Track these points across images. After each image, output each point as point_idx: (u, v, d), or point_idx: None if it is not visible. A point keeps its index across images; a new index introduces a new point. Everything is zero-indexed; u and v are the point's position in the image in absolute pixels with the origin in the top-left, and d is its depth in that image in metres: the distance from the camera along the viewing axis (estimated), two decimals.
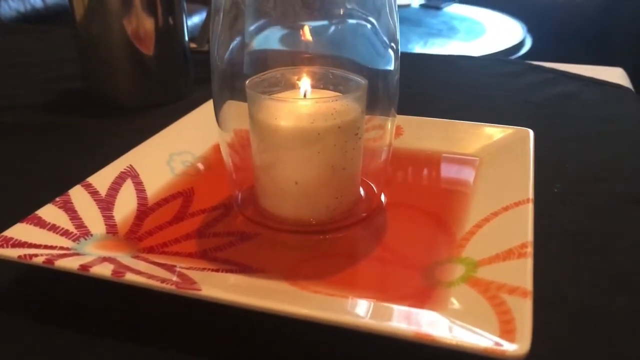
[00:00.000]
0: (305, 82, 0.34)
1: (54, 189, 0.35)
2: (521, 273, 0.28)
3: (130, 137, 0.42)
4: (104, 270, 0.28)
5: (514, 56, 1.53)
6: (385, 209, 0.36)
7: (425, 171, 0.42)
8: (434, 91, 0.63)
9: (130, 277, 0.27)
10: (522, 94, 0.60)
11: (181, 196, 0.38)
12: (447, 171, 0.42)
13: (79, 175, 0.36)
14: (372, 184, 0.37)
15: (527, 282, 0.27)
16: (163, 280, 0.27)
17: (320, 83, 0.36)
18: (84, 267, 0.28)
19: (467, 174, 0.40)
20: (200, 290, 0.26)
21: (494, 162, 0.41)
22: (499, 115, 0.53)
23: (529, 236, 0.30)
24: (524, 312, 0.25)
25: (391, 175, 0.39)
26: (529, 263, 0.28)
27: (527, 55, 1.54)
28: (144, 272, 0.28)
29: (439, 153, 0.43)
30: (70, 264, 0.28)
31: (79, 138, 0.51)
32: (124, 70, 0.57)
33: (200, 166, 0.42)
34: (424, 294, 0.29)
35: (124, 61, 0.56)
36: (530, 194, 0.34)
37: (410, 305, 0.27)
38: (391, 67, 0.36)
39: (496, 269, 0.29)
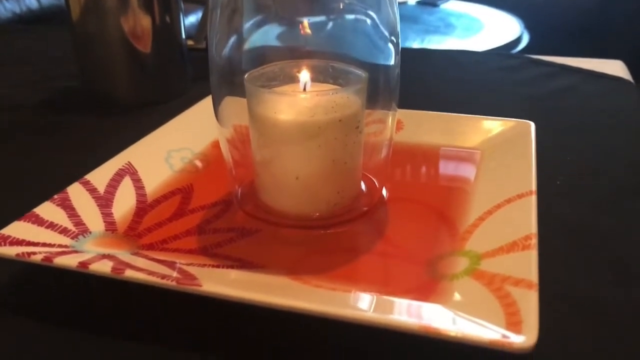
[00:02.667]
0: (304, 75, 0.34)
1: (52, 187, 0.35)
2: (526, 265, 0.27)
3: (127, 134, 0.42)
4: (104, 267, 0.27)
5: (512, 52, 1.53)
6: (386, 203, 0.36)
7: (427, 165, 0.42)
8: (434, 86, 0.62)
9: (130, 273, 0.27)
10: (522, 87, 0.60)
11: (180, 193, 0.37)
12: (449, 165, 0.42)
13: (77, 173, 0.36)
14: (373, 179, 0.37)
15: (532, 273, 0.26)
16: (163, 277, 0.26)
17: (320, 76, 0.35)
18: (83, 264, 0.27)
19: (469, 168, 0.40)
20: (201, 286, 0.26)
21: (495, 155, 0.40)
22: (499, 109, 0.52)
23: (533, 228, 0.30)
24: (529, 303, 0.25)
25: (392, 170, 0.38)
26: (533, 255, 0.28)
27: (525, 51, 1.54)
28: (143, 268, 0.28)
29: (440, 147, 0.43)
30: (69, 261, 0.28)
31: (76, 136, 0.50)
32: (121, 67, 0.56)
33: (199, 163, 0.41)
34: (427, 288, 0.28)
35: (121, 59, 0.56)
36: (533, 186, 0.34)
37: (414, 299, 0.27)
38: (391, 61, 0.35)
39: (500, 261, 0.29)
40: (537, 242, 0.29)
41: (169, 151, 0.41)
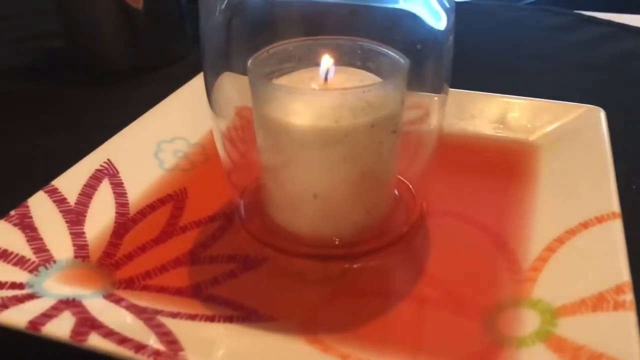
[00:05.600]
0: (326, 61, 0.26)
1: (15, 187, 0.28)
2: (623, 336, 0.20)
3: (118, 107, 0.35)
4: (61, 331, 0.21)
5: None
6: (426, 220, 0.29)
7: (476, 164, 0.34)
8: (467, 52, 0.53)
9: (94, 341, 0.20)
10: (574, 53, 0.51)
11: (171, 200, 0.30)
12: (503, 166, 0.34)
13: (52, 164, 0.29)
14: (409, 185, 0.30)
15: (634, 353, 0.20)
16: (138, 348, 0.20)
17: (344, 57, 0.27)
18: (34, 324, 0.21)
19: (529, 170, 0.32)
20: None
21: (560, 153, 0.33)
22: (549, 83, 0.44)
23: (625, 275, 0.23)
24: None
25: (433, 175, 0.31)
26: (631, 319, 0.21)
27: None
28: (114, 331, 0.21)
29: (491, 139, 0.35)
30: (16, 318, 0.21)
31: (56, 110, 0.43)
32: (110, 26, 0.48)
33: (196, 158, 0.34)
34: (487, 356, 0.21)
35: (110, 16, 0.48)
36: (616, 206, 0.27)
37: None
38: (441, 23, 0.27)
39: (583, 323, 0.22)
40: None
41: (159, 143, 0.34)
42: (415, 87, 0.28)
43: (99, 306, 0.23)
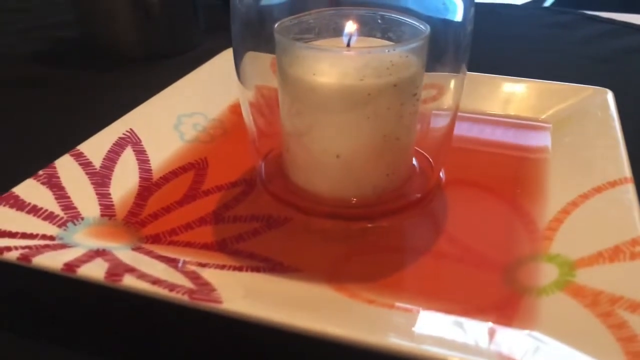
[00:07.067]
0: (349, 26, 0.27)
1: (39, 157, 0.29)
2: None
3: (131, 94, 0.35)
4: (96, 272, 0.21)
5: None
6: (444, 188, 0.30)
7: (488, 140, 0.35)
8: (480, 44, 0.54)
9: (129, 281, 0.21)
10: (580, 48, 0.53)
11: (193, 168, 0.31)
12: (515, 141, 0.34)
13: (70, 140, 0.30)
14: (428, 157, 0.30)
15: None
16: (172, 287, 0.20)
17: (365, 28, 0.28)
18: (69, 266, 0.21)
19: (541, 145, 0.33)
20: (221, 302, 0.20)
21: (570, 130, 0.34)
22: (556, 74, 0.45)
23: None
24: None
25: (451, 147, 0.31)
26: None
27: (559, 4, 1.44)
28: (147, 274, 0.21)
29: (502, 117, 0.36)
30: (52, 261, 0.22)
31: (72, 94, 0.44)
32: (125, 16, 0.49)
33: (215, 131, 0.35)
34: (509, 305, 0.22)
35: (125, 6, 0.49)
36: (628, 171, 0.28)
37: (495, 322, 0.21)
38: (459, 15, 0.28)
39: (602, 272, 0.22)
40: None
41: (179, 116, 0.35)
42: (433, 68, 0.28)
43: (128, 256, 0.24)
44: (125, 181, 0.29)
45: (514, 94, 0.37)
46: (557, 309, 0.21)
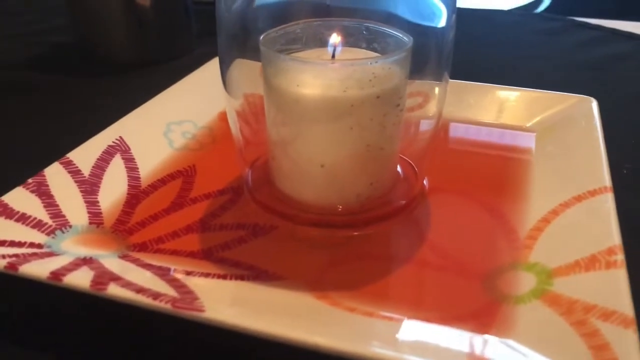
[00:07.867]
0: (334, 38, 0.28)
1: (29, 165, 0.29)
2: (615, 290, 0.22)
3: (123, 99, 0.36)
4: (82, 280, 0.22)
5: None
6: (427, 195, 0.30)
7: (471, 149, 0.35)
8: (468, 51, 0.55)
9: (114, 289, 0.21)
10: (568, 54, 0.53)
11: (181, 176, 0.32)
12: (500, 149, 0.35)
13: (62, 147, 0.30)
14: (412, 164, 0.31)
15: (625, 304, 0.21)
16: (156, 296, 0.21)
17: (350, 39, 0.29)
18: (56, 274, 0.22)
19: (523, 153, 0.34)
20: (203, 310, 0.20)
21: (554, 138, 0.34)
22: (545, 81, 0.46)
23: (616, 238, 0.24)
24: (628, 348, 0.19)
25: (435, 155, 0.32)
26: (622, 276, 0.22)
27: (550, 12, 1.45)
28: (132, 282, 0.22)
29: (488, 126, 0.37)
30: (38, 270, 0.22)
31: (64, 100, 0.44)
32: (118, 22, 0.50)
33: (204, 139, 0.35)
34: (487, 314, 0.23)
35: (118, 12, 0.49)
36: (607, 180, 0.28)
37: (474, 330, 0.21)
38: (442, 22, 0.28)
39: (578, 281, 0.23)
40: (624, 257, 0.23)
41: (168, 124, 0.35)
42: (417, 76, 0.29)
43: (115, 265, 0.24)
44: (113, 189, 0.30)
45: (500, 102, 0.38)
46: (533, 318, 0.22)
